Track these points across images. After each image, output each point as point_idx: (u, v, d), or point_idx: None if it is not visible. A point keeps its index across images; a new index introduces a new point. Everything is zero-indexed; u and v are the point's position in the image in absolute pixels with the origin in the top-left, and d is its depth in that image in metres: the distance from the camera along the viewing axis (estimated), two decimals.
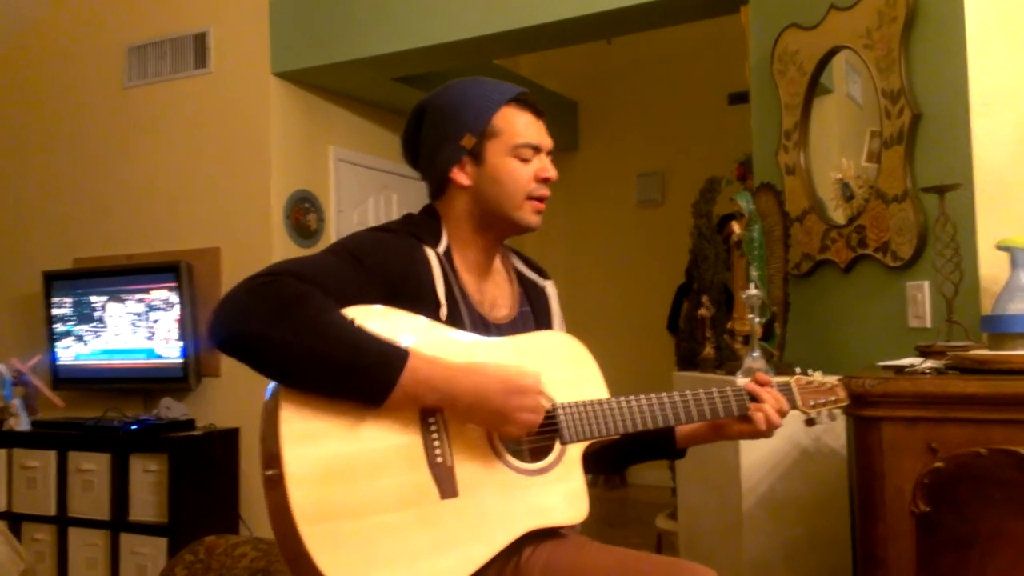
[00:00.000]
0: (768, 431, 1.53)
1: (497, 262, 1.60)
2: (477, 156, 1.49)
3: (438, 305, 1.42)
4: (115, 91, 4.48)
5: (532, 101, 1.52)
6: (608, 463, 1.63)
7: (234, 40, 4.23)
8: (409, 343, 1.30)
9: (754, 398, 1.54)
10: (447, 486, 1.31)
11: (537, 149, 1.51)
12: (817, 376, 1.62)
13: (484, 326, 1.49)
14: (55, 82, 4.63)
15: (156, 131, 4.37)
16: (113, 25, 4.49)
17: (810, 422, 1.61)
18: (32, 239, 4.65)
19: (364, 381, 1.24)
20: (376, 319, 1.32)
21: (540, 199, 1.51)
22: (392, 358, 1.25)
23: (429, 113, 1.53)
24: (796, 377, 1.61)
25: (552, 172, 1.52)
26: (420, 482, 1.29)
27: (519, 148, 1.49)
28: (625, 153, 6.33)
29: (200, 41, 4.27)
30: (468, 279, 1.52)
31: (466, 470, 1.33)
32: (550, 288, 1.65)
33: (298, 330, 1.23)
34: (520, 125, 1.49)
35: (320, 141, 4.48)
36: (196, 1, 4.31)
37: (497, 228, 1.53)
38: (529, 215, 1.51)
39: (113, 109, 4.48)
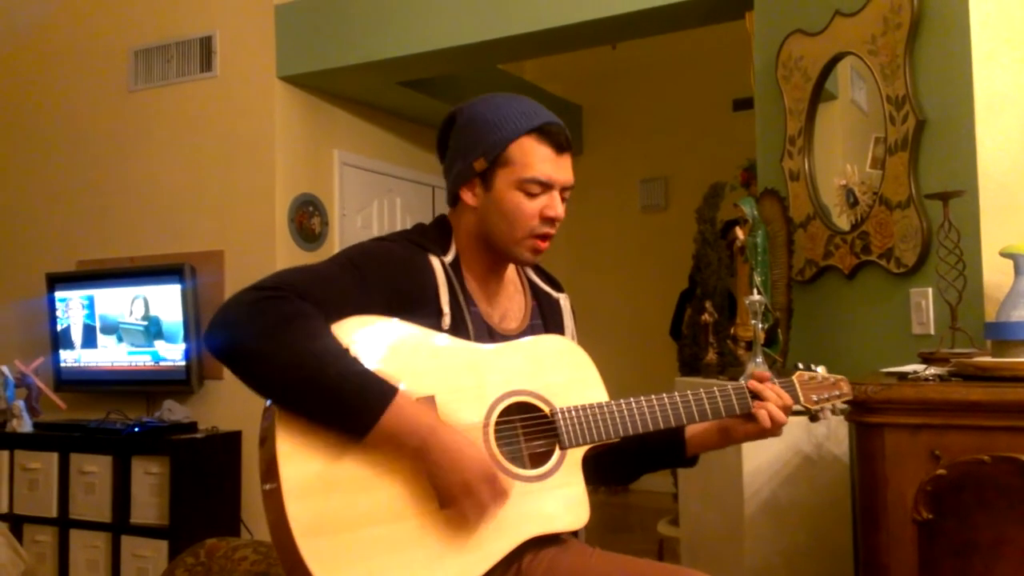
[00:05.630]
0: (774, 428, 1.50)
1: (511, 273, 1.58)
2: (486, 181, 1.46)
3: (441, 314, 1.41)
4: (121, 94, 4.49)
5: (556, 133, 1.45)
6: (618, 473, 1.61)
7: (240, 44, 4.24)
8: (403, 352, 1.29)
9: (756, 396, 1.51)
10: None
11: (548, 186, 1.44)
12: (820, 371, 1.60)
13: (490, 337, 1.47)
14: (60, 84, 4.65)
15: (161, 134, 4.38)
16: (119, 28, 4.51)
17: (814, 418, 1.58)
18: (36, 241, 4.66)
19: (346, 416, 1.24)
20: (373, 330, 1.32)
21: (542, 237, 1.47)
22: (376, 398, 1.24)
23: (458, 121, 1.50)
24: (798, 373, 1.58)
25: (558, 212, 1.45)
26: (419, 492, 1.28)
27: (527, 183, 1.43)
28: (629, 158, 6.33)
29: (206, 45, 4.29)
30: (477, 290, 1.51)
31: None
32: (564, 302, 1.63)
33: (290, 352, 1.23)
34: (535, 158, 1.43)
35: (324, 145, 4.49)
36: (202, 5, 4.32)
37: (495, 254, 1.50)
38: (525, 253, 1.47)
39: (118, 112, 4.49)
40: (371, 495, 1.25)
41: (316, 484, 1.23)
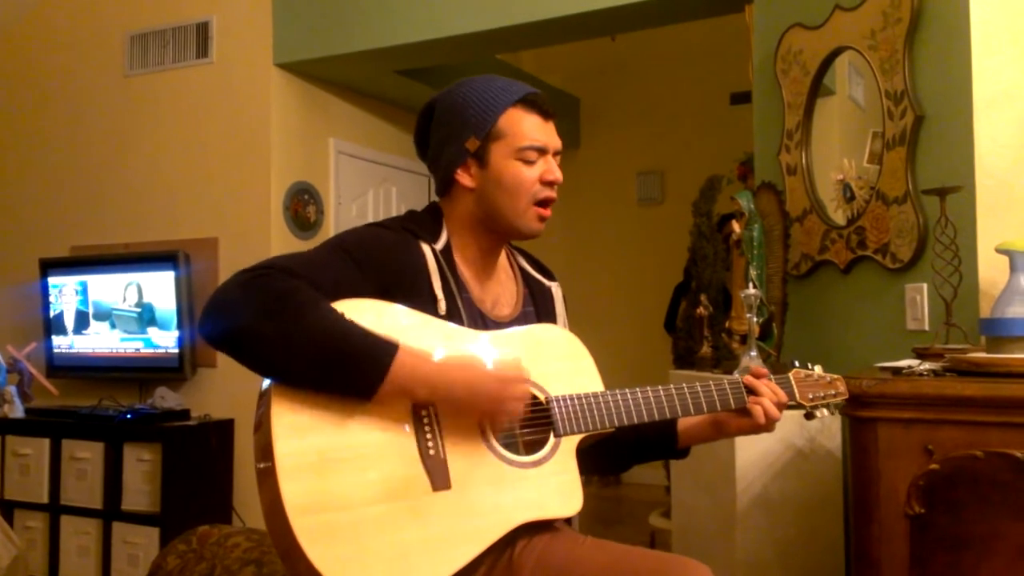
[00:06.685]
0: (768, 425, 1.51)
1: (503, 260, 1.58)
2: (481, 159, 1.47)
3: (435, 300, 1.42)
4: (117, 79, 4.46)
5: (540, 102, 1.49)
6: (609, 463, 1.62)
7: (236, 30, 4.21)
8: (399, 337, 1.29)
9: (751, 391, 1.52)
10: (439, 478, 1.30)
11: (543, 151, 1.48)
12: (817, 370, 1.60)
13: (483, 323, 1.48)
14: (56, 69, 4.61)
15: (157, 120, 4.36)
16: (115, 13, 4.47)
17: (809, 416, 1.59)
18: (29, 226, 4.63)
19: (353, 375, 1.24)
20: (368, 313, 1.32)
21: (545, 203, 1.49)
22: (381, 352, 1.25)
23: (438, 110, 1.53)
24: (795, 371, 1.58)
25: (557, 174, 1.49)
26: (412, 474, 1.28)
27: (523, 151, 1.46)
28: (626, 151, 6.32)
29: (203, 30, 4.26)
30: (469, 276, 1.51)
31: (459, 463, 1.32)
32: (555, 290, 1.63)
33: (287, 325, 1.22)
34: (526, 127, 1.47)
35: (321, 133, 4.47)
36: None
37: (500, 231, 1.51)
38: (532, 222, 1.49)
39: (114, 97, 4.46)
40: (366, 475, 1.25)
41: (311, 463, 1.22)
